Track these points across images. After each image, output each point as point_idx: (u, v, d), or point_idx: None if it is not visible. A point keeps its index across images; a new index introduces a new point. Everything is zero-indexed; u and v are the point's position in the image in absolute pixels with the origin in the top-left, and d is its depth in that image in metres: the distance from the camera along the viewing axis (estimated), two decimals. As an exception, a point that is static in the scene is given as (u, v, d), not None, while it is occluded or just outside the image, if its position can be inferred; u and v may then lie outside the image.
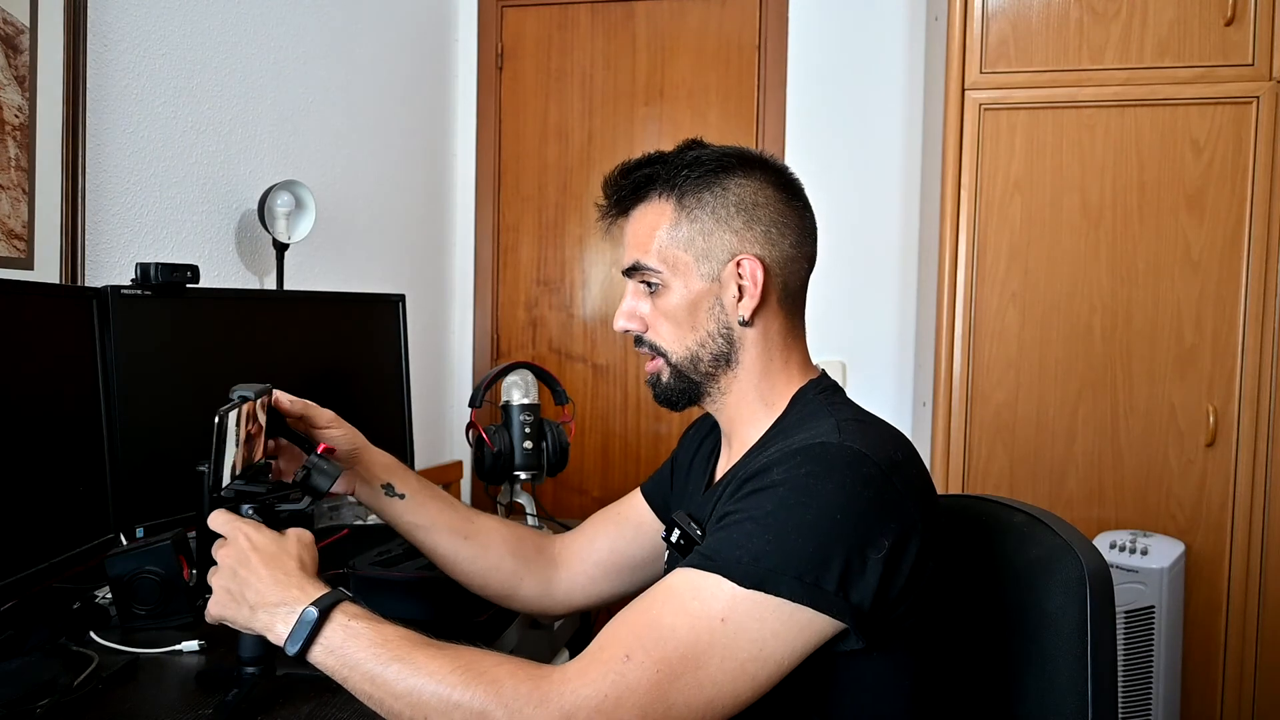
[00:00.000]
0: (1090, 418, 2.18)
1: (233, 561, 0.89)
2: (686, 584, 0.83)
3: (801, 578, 0.81)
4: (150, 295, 1.37)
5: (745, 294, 0.97)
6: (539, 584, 1.18)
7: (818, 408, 0.97)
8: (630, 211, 1.02)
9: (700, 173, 0.98)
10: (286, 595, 0.86)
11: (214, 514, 0.92)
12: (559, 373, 2.79)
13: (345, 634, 0.83)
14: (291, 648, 0.83)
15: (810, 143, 2.67)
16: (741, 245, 0.97)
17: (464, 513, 1.17)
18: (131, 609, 1.20)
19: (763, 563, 0.81)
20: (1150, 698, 2.05)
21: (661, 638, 0.80)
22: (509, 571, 1.16)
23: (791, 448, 0.88)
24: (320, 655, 0.84)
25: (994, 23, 2.19)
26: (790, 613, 0.81)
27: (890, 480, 0.86)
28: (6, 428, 1.08)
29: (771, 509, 0.84)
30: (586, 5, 2.82)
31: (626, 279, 1.03)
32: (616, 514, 1.22)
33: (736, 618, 0.81)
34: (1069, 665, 0.92)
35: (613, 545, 1.19)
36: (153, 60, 1.71)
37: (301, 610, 0.84)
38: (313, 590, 0.87)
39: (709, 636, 0.80)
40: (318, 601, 0.85)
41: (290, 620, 0.84)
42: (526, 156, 2.87)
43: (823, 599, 0.81)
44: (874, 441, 0.88)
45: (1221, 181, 2.10)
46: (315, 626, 0.83)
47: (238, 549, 0.90)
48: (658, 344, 1.01)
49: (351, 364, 1.77)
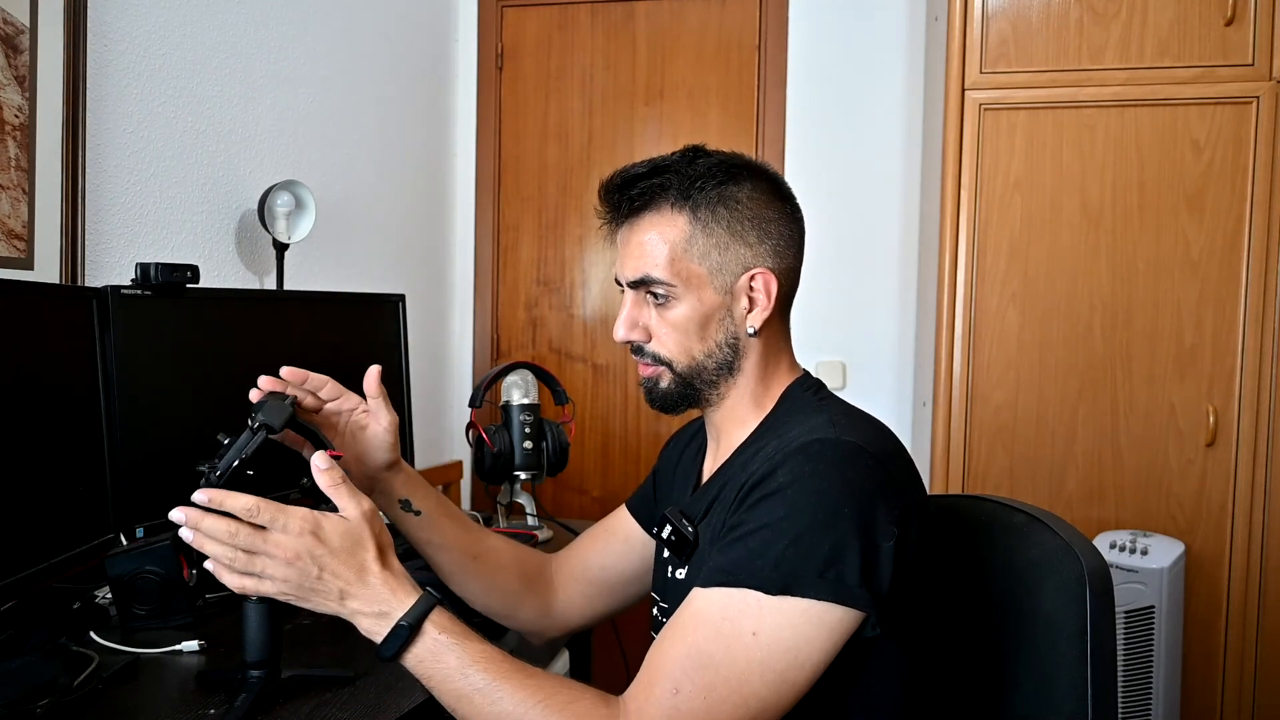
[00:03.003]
0: (1090, 418, 2.18)
1: (306, 556, 0.86)
2: (713, 606, 0.85)
3: (823, 576, 0.83)
4: (150, 295, 1.37)
5: (756, 306, 0.98)
6: (538, 607, 1.19)
7: (807, 404, 0.99)
8: (637, 220, 0.99)
9: (714, 184, 0.97)
10: (377, 597, 0.87)
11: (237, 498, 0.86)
12: (559, 373, 2.79)
13: (435, 646, 0.86)
14: (386, 652, 0.86)
15: (810, 142, 2.67)
16: (755, 259, 0.98)
17: (476, 533, 1.15)
18: (131, 609, 1.20)
19: (784, 567, 0.83)
20: (1150, 698, 2.05)
21: (702, 665, 0.83)
22: (512, 593, 1.16)
23: (790, 447, 0.89)
24: (410, 663, 0.87)
25: (994, 23, 2.19)
26: (819, 613, 0.83)
27: (888, 469, 0.88)
28: (7, 428, 1.08)
29: (784, 514, 0.85)
30: (586, 5, 2.82)
31: (629, 289, 1.00)
32: (604, 531, 1.22)
33: (767, 629, 0.83)
34: (1069, 665, 0.92)
35: (602, 563, 1.20)
36: (153, 60, 1.71)
37: (396, 620, 0.86)
38: (403, 595, 0.87)
39: (745, 655, 0.83)
40: (410, 612, 0.86)
41: (382, 626, 0.86)
42: (526, 156, 2.87)
43: (847, 593, 0.83)
44: (868, 433, 0.91)
45: (1221, 181, 2.10)
46: (408, 637, 0.86)
47: (299, 549, 0.86)
48: (661, 354, 1.00)
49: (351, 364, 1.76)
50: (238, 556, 0.86)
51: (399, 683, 1.04)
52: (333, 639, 1.19)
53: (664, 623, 1.03)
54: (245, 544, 0.86)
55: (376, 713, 0.97)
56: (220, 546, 0.86)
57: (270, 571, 0.86)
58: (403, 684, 1.04)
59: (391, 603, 0.87)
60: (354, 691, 1.03)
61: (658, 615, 1.07)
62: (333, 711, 0.98)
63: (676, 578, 1.01)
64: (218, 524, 0.86)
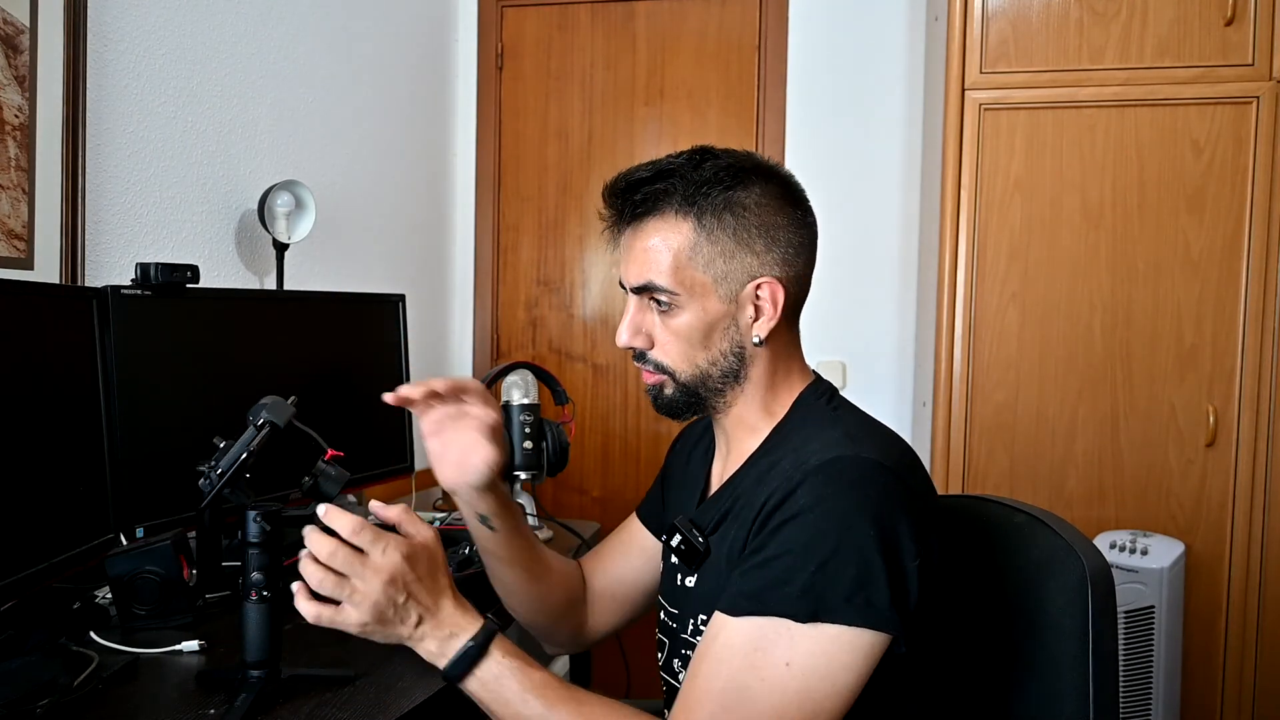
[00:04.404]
0: (1090, 418, 2.18)
1: (400, 580, 0.87)
2: (743, 636, 0.84)
3: (851, 600, 0.82)
4: (150, 295, 1.37)
5: (763, 315, 0.96)
6: (575, 624, 1.19)
7: (821, 414, 0.97)
8: (641, 225, 0.97)
9: (720, 190, 0.94)
10: (448, 620, 0.89)
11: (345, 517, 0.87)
12: (559, 373, 2.79)
13: (499, 670, 0.88)
14: (454, 672, 0.88)
15: (810, 142, 2.67)
16: (762, 268, 0.95)
17: (539, 554, 1.14)
18: (131, 609, 1.20)
19: (812, 594, 0.82)
20: (1150, 698, 2.05)
21: (741, 700, 0.82)
22: (556, 614, 1.16)
23: (808, 465, 0.87)
24: (473, 686, 0.88)
25: (994, 23, 2.19)
26: (851, 639, 0.82)
27: (907, 484, 0.87)
28: (7, 428, 1.08)
29: (808, 539, 0.84)
30: (586, 5, 2.82)
31: (632, 294, 0.99)
32: (621, 545, 1.21)
33: (799, 658, 0.82)
34: (1070, 665, 0.92)
35: (623, 577, 1.19)
36: (153, 60, 1.70)
37: (464, 643, 0.88)
38: (470, 619, 0.90)
39: (781, 686, 0.82)
40: (476, 636, 0.88)
41: (449, 648, 0.88)
42: (526, 156, 2.87)
43: (877, 617, 0.82)
44: (884, 448, 0.89)
45: (1221, 182, 2.10)
46: (475, 660, 0.88)
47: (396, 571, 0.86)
48: (663, 363, 0.98)
49: (351, 364, 1.77)
50: (327, 578, 0.86)
51: (399, 683, 1.04)
52: (333, 639, 1.19)
53: (672, 627, 1.03)
54: (342, 565, 0.86)
55: (376, 713, 0.97)
56: (314, 567, 0.86)
57: (362, 592, 0.86)
58: (402, 684, 1.04)
59: (461, 624, 0.89)
60: (354, 691, 1.02)
61: (666, 620, 1.06)
62: (333, 711, 0.97)
63: (686, 585, 1.01)
64: (322, 542, 0.86)
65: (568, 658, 1.72)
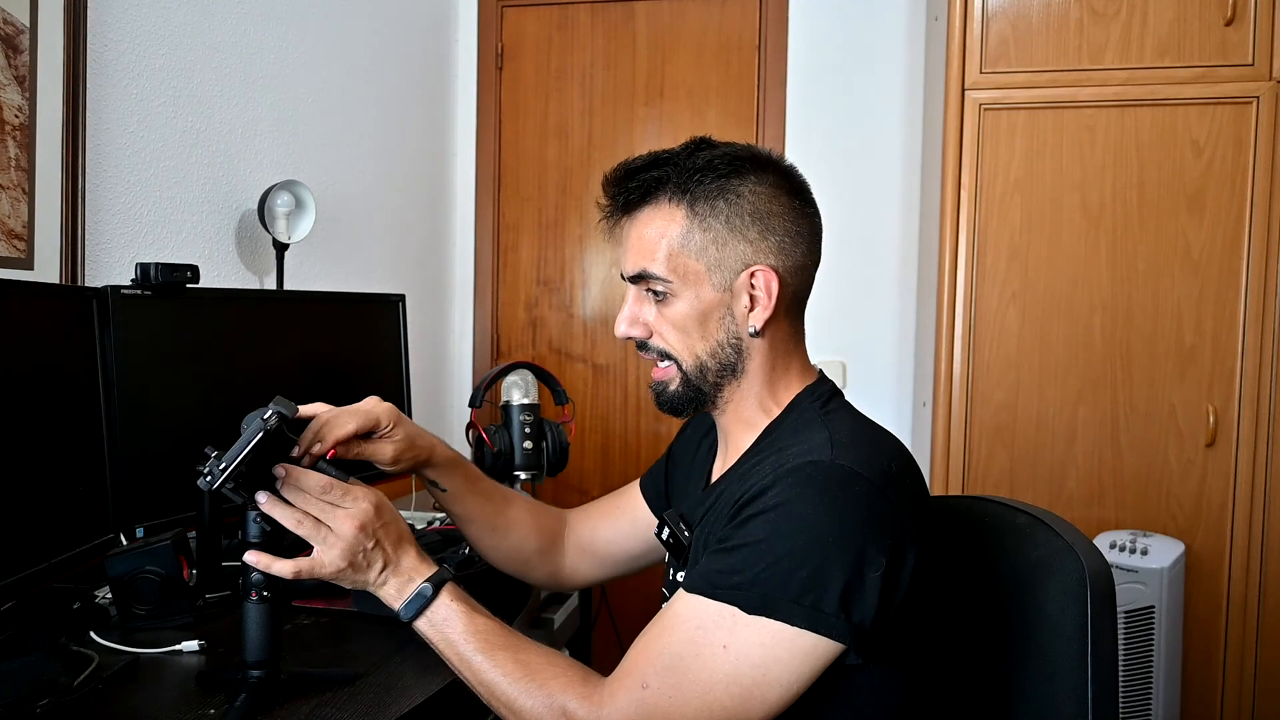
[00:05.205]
0: (1090, 418, 2.18)
1: (369, 528, 0.94)
2: (692, 611, 0.86)
3: (799, 601, 0.82)
4: (150, 295, 1.37)
5: (758, 305, 0.95)
6: (548, 570, 1.25)
7: (812, 417, 0.96)
8: (636, 214, 0.98)
9: (713, 177, 0.94)
10: (407, 567, 0.96)
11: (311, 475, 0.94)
12: (559, 373, 2.79)
13: (446, 613, 0.94)
14: (406, 614, 0.94)
15: (810, 142, 2.67)
16: (756, 256, 0.95)
17: (497, 506, 1.21)
18: (131, 609, 1.20)
19: (759, 588, 0.83)
20: (1150, 698, 2.05)
21: (671, 666, 0.85)
22: (526, 559, 1.23)
23: (784, 467, 0.87)
24: (423, 625, 0.94)
25: (994, 23, 2.19)
26: (792, 638, 0.83)
27: (884, 495, 0.86)
28: (6, 428, 1.08)
29: (765, 536, 0.84)
30: (586, 5, 2.82)
31: (630, 284, 1.00)
32: (615, 508, 1.25)
33: (738, 645, 0.84)
34: (1069, 666, 0.92)
35: (609, 538, 1.24)
36: (153, 60, 1.70)
37: (419, 585, 0.95)
38: (426, 566, 0.97)
39: (713, 663, 0.84)
40: (431, 578, 0.95)
41: (406, 590, 0.95)
42: (526, 156, 2.87)
43: (823, 622, 0.82)
44: (866, 455, 0.88)
45: (1221, 181, 2.10)
46: (427, 601, 0.94)
47: (366, 519, 0.94)
48: (667, 350, 0.99)
49: (351, 364, 1.77)
50: (305, 520, 0.93)
51: (399, 683, 1.04)
52: (333, 639, 1.19)
53: None
54: (318, 511, 0.93)
55: (376, 713, 0.97)
56: (288, 510, 0.92)
57: (336, 534, 0.92)
58: (402, 684, 1.04)
59: (420, 570, 0.96)
60: (354, 691, 1.02)
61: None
62: (333, 711, 0.97)
63: (676, 579, 1.02)
64: (314, 479, 0.93)
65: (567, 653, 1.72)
